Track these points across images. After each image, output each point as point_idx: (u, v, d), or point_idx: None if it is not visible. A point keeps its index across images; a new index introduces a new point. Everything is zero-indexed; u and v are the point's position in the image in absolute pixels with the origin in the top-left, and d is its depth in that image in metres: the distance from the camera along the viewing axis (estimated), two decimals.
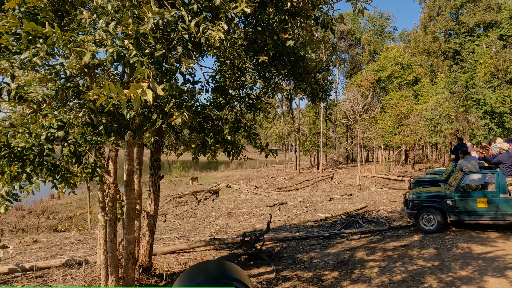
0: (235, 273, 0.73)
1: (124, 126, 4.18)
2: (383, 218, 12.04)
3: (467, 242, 8.40)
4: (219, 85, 5.38)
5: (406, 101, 27.92)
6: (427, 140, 23.81)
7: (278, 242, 10.08)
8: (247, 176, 32.92)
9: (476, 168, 9.62)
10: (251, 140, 5.47)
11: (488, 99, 19.56)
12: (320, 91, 6.33)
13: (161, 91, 2.78)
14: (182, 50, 3.01)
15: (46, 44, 3.67)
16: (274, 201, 18.58)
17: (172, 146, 10.12)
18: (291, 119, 35.87)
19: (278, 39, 5.11)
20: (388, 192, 18.10)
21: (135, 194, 6.59)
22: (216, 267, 0.80)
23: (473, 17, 28.35)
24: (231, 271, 0.73)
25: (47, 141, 3.86)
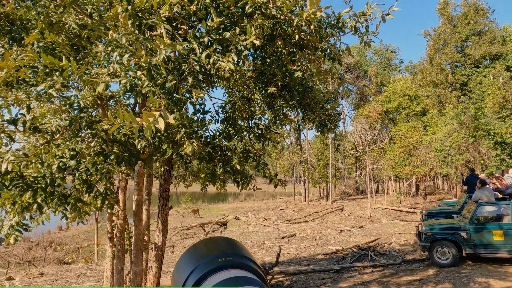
0: (244, 250, 0.67)
1: (135, 156, 4.23)
2: (396, 251, 11.71)
3: (484, 277, 8.08)
4: (229, 116, 5.46)
5: (415, 132, 27.85)
6: (438, 171, 23.52)
7: (288, 276, 9.81)
8: (255, 208, 32.58)
9: (491, 199, 9.40)
10: (260, 170, 5.46)
11: (498, 129, 19.45)
12: (329, 121, 6.37)
13: (172, 119, 2.84)
14: (193, 80, 3.09)
15: (62, 76, 3.80)
16: (283, 233, 18.25)
17: (181, 176, 10.16)
18: (299, 150, 35.88)
19: (286, 70, 5.22)
20: (400, 224, 17.69)
21: (144, 224, 6.56)
22: (226, 243, 0.71)
23: (479, 50, 28.70)
24: (241, 248, 0.68)
25: (59, 170, 3.91)
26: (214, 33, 3.27)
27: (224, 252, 0.54)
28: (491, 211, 9.20)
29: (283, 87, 5.67)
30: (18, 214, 3.89)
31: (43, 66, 3.90)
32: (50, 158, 4.21)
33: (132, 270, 5.94)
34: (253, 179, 6.03)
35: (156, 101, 2.90)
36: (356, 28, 3.75)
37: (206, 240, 0.55)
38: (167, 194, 6.96)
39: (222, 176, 5.39)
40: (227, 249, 0.54)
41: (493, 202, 9.29)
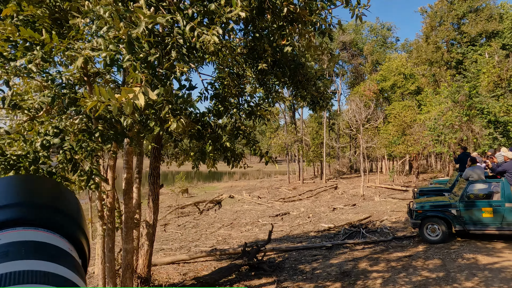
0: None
1: (121, 133, 4.14)
2: (387, 228, 11.86)
3: (472, 253, 8.22)
4: (218, 92, 5.35)
5: (409, 111, 27.83)
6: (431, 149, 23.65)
7: (280, 253, 9.93)
8: (250, 187, 32.77)
9: (482, 177, 9.46)
10: (251, 147, 5.40)
11: (491, 108, 19.45)
12: (321, 99, 6.28)
13: (154, 95, 2.74)
14: (177, 54, 2.98)
15: (43, 51, 3.66)
16: (277, 211, 18.41)
17: (173, 155, 10.09)
18: (294, 130, 35.83)
19: (277, 46, 5.09)
20: (392, 202, 17.88)
21: (134, 203, 6.53)
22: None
23: (475, 27, 28.39)
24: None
25: (42, 148, 3.82)
26: (199, 5, 3.13)
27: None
28: (481, 189, 9.28)
29: (274, 63, 5.55)
30: None
31: (23, 40, 3.75)
32: (34, 135, 4.11)
33: (123, 247, 5.94)
34: (244, 157, 5.98)
35: (137, 76, 2.80)
36: (347, 0, 3.62)
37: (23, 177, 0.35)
38: (157, 172, 6.91)
39: (212, 154, 5.33)
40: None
41: (484, 180, 9.36)
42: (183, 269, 8.84)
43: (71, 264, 0.35)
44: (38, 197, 0.37)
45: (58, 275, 0.32)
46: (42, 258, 0.33)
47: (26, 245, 0.32)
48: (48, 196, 0.38)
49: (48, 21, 4.16)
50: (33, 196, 0.37)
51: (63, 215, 0.37)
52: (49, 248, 0.34)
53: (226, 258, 9.70)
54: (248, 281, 7.79)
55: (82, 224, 0.40)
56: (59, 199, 0.39)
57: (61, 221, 0.37)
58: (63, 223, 0.37)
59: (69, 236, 0.37)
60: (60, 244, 0.36)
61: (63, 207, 0.38)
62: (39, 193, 0.38)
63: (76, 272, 0.35)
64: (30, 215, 0.35)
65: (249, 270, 8.37)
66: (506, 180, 8.98)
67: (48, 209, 0.36)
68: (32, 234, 0.34)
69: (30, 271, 0.31)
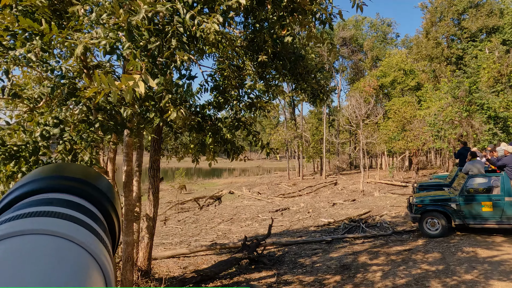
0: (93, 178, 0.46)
1: (121, 124, 4.13)
2: (387, 223, 11.88)
3: (472, 246, 8.24)
4: (218, 84, 5.33)
5: (409, 106, 27.80)
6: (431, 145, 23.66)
7: (280, 247, 9.95)
8: (250, 183, 32.79)
9: (482, 171, 9.47)
10: (252, 139, 5.40)
11: (491, 104, 19.44)
12: (321, 92, 6.27)
13: (154, 83, 2.73)
14: (177, 43, 2.96)
15: (42, 41, 3.64)
16: (277, 207, 18.44)
17: (173, 149, 10.09)
18: (293, 126, 35.81)
19: (277, 38, 5.07)
20: (392, 198, 17.91)
21: (135, 196, 6.53)
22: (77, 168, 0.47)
23: (475, 23, 28.31)
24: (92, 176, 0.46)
25: (42, 138, 3.81)
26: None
27: (61, 174, 0.37)
28: (481, 183, 9.29)
29: (274, 55, 5.53)
30: (3, 183, 3.81)
31: (22, 30, 3.73)
32: (33, 126, 4.11)
33: (123, 240, 5.95)
34: (244, 150, 5.98)
35: (137, 63, 2.79)
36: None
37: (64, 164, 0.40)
38: (157, 166, 6.91)
39: (212, 146, 5.33)
40: (69, 172, 0.37)
41: (483, 174, 9.37)
42: (183, 263, 8.86)
43: (102, 226, 0.39)
44: (72, 172, 0.42)
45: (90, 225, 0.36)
46: (79, 210, 0.37)
47: (66, 201, 0.37)
48: (80, 172, 0.43)
49: (47, 11, 4.14)
50: (67, 171, 0.42)
51: (93, 188, 0.42)
52: (83, 207, 0.38)
53: (226, 252, 9.72)
54: (248, 274, 7.81)
55: (114, 201, 0.44)
56: (91, 175, 0.43)
57: (92, 193, 0.41)
58: (94, 195, 0.41)
59: (100, 207, 0.41)
60: (92, 209, 0.40)
61: (94, 182, 0.42)
62: (72, 169, 0.43)
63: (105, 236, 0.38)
64: (64, 185, 0.40)
65: (249, 263, 8.39)
66: (506, 174, 8.98)
67: (81, 181, 0.41)
68: (68, 196, 0.39)
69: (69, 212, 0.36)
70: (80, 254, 0.31)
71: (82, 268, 0.30)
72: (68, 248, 0.31)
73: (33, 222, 0.32)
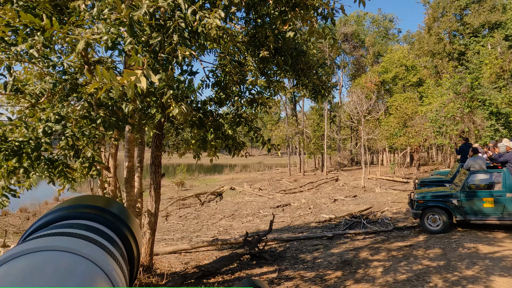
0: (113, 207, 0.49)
1: (123, 120, 4.13)
2: (388, 219, 11.90)
3: (473, 242, 8.25)
4: (219, 80, 5.32)
5: (410, 102, 27.73)
6: (432, 141, 23.61)
7: (281, 243, 9.97)
8: (251, 179, 32.82)
9: (483, 167, 9.46)
10: (253, 135, 5.39)
11: (493, 99, 19.37)
12: (322, 88, 6.25)
13: (155, 79, 2.73)
14: (178, 38, 2.96)
15: (43, 36, 3.64)
16: (278, 202, 18.46)
17: (175, 145, 10.09)
18: (295, 122, 35.78)
19: (279, 33, 5.06)
20: (393, 194, 17.92)
21: (136, 192, 6.54)
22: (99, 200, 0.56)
23: (478, 18, 28.15)
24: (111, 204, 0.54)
25: (44, 134, 3.81)
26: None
27: (84, 204, 0.46)
28: (482, 179, 9.28)
29: (276, 51, 5.52)
30: (4, 178, 3.82)
31: (23, 25, 3.72)
32: (35, 122, 4.11)
33: None
34: (245, 146, 5.98)
35: (139, 59, 2.78)
36: None
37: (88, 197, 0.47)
38: (159, 162, 6.92)
39: (213, 142, 5.33)
40: (92, 202, 0.45)
41: (485, 170, 9.36)
42: (185, 258, 8.90)
43: (117, 246, 0.44)
44: (90, 201, 0.49)
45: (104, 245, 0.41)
46: (94, 232, 0.42)
47: (84, 225, 0.43)
48: (98, 201, 0.49)
49: (48, 6, 4.13)
50: (88, 201, 0.48)
51: (108, 213, 0.47)
52: (99, 230, 0.43)
53: (228, 247, 9.75)
54: (250, 270, 7.84)
55: (129, 222, 0.48)
56: (105, 202, 0.49)
57: (107, 217, 0.46)
58: (108, 219, 0.46)
59: (115, 230, 0.46)
60: (107, 231, 0.45)
61: (108, 208, 0.48)
62: (91, 200, 0.49)
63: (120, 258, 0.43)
64: (83, 212, 0.46)
65: (250, 259, 8.42)
66: (507, 170, 8.97)
67: (96, 208, 0.47)
68: (87, 222, 0.44)
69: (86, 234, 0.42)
70: (91, 268, 0.36)
71: (91, 280, 0.34)
72: (80, 262, 0.36)
73: (52, 240, 0.38)
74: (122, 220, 0.47)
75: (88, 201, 0.49)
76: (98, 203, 0.49)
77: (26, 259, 0.34)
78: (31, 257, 0.34)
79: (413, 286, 6.07)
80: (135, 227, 0.50)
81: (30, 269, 0.32)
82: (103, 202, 0.50)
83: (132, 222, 0.50)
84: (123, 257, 0.44)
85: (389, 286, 6.18)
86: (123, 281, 0.39)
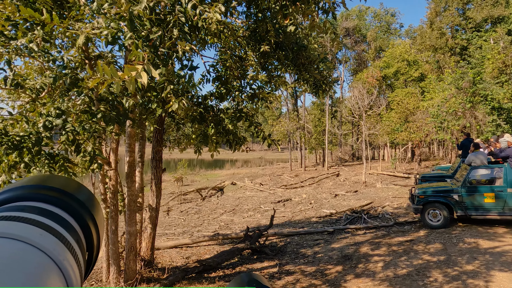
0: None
1: (123, 114, 4.13)
2: (389, 214, 11.91)
3: (474, 237, 8.26)
4: (220, 75, 5.31)
5: (412, 97, 27.66)
6: (434, 136, 23.58)
7: (282, 237, 10.01)
8: (252, 174, 32.87)
9: (485, 162, 9.44)
10: (254, 130, 5.39)
11: (495, 95, 19.29)
12: (324, 82, 6.24)
13: (156, 74, 2.72)
14: (178, 33, 2.95)
15: (43, 31, 3.63)
16: (279, 197, 18.50)
17: (176, 140, 10.10)
18: (296, 117, 35.74)
19: (280, 27, 5.03)
20: (394, 189, 17.93)
21: (137, 187, 6.56)
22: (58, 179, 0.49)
23: (481, 12, 27.98)
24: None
25: (45, 129, 3.82)
26: None
27: (40, 183, 0.39)
28: (483, 174, 9.27)
29: (276, 46, 5.49)
30: (5, 172, 3.83)
31: (23, 19, 3.71)
32: (36, 116, 4.11)
33: (126, 230, 6.00)
34: (246, 141, 5.98)
35: (139, 54, 2.77)
36: None
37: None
38: (160, 156, 6.93)
39: (214, 136, 5.33)
40: (48, 182, 0.39)
41: (486, 165, 9.35)
42: (186, 253, 8.93)
43: (75, 234, 0.40)
44: (53, 182, 0.44)
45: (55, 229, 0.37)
46: (50, 218, 0.38)
47: (38, 208, 0.39)
48: (61, 183, 0.44)
49: (49, 0, 4.12)
50: (49, 182, 0.44)
51: (71, 198, 0.42)
52: (56, 215, 0.39)
53: (229, 242, 9.78)
54: (251, 264, 7.87)
55: (93, 211, 0.44)
56: (70, 186, 0.44)
57: (68, 202, 0.42)
58: (70, 204, 0.42)
59: (76, 217, 0.42)
60: (67, 217, 0.40)
61: (73, 192, 0.43)
62: (54, 180, 0.44)
63: (77, 244, 0.39)
64: (41, 194, 0.41)
65: (251, 254, 8.45)
66: (508, 166, 8.96)
67: (59, 191, 0.42)
68: (43, 204, 0.40)
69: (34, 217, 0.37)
70: (39, 258, 0.32)
71: (39, 271, 0.31)
72: (26, 250, 0.32)
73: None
74: (84, 205, 0.44)
75: (53, 182, 0.44)
76: (63, 186, 0.44)
77: None
78: None
79: (413, 280, 6.09)
80: (99, 216, 0.46)
81: None
82: (66, 185, 0.45)
83: (97, 210, 0.46)
84: (80, 245, 0.40)
85: (389, 280, 6.20)
86: (76, 272, 0.36)
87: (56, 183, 0.44)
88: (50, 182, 0.44)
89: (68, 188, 0.44)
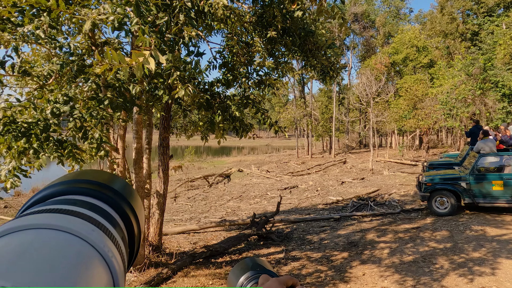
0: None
1: (130, 101, 4.13)
2: (395, 201, 11.90)
3: (481, 225, 8.23)
4: (227, 61, 5.28)
5: (421, 84, 27.30)
6: (442, 124, 23.35)
7: (288, 224, 10.07)
8: (259, 161, 32.94)
9: (493, 150, 9.34)
10: (260, 117, 5.37)
11: (507, 81, 18.96)
12: (331, 69, 6.17)
13: (163, 59, 2.71)
14: (185, 18, 2.92)
15: (50, 17, 3.62)
16: (286, 184, 18.55)
17: (182, 127, 10.12)
18: (303, 104, 35.55)
19: (287, 12, 4.96)
20: (401, 176, 17.86)
21: (145, 173, 6.61)
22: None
23: None
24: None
25: (52, 115, 3.84)
26: None
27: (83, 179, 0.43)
28: (492, 162, 9.19)
29: (284, 31, 5.43)
30: (15, 158, 3.88)
31: (29, 6, 3.70)
32: (44, 103, 4.14)
33: None
34: (253, 128, 5.97)
35: (146, 39, 2.76)
36: None
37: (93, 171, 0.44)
38: (167, 143, 6.95)
39: (221, 124, 5.32)
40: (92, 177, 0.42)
41: (495, 153, 9.25)
42: (193, 239, 9.04)
43: (116, 224, 0.41)
44: (90, 176, 0.46)
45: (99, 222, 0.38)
46: (91, 209, 0.40)
47: (80, 201, 0.40)
48: (97, 175, 0.46)
49: None
50: (86, 176, 0.46)
51: (108, 188, 0.44)
52: (96, 207, 0.41)
53: (235, 228, 9.87)
54: (257, 250, 7.95)
55: (131, 200, 0.46)
56: (105, 178, 0.46)
57: (106, 193, 0.43)
58: (108, 195, 0.43)
59: (115, 207, 0.43)
60: (106, 208, 0.42)
61: (109, 184, 0.45)
62: (90, 174, 0.46)
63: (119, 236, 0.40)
64: (81, 187, 0.43)
65: (258, 240, 8.53)
66: None
67: (95, 184, 0.44)
68: (84, 197, 0.42)
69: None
70: (85, 249, 0.33)
71: (84, 261, 0.32)
72: (73, 242, 0.33)
73: (44, 218, 0.35)
74: (123, 197, 0.45)
75: (89, 176, 0.46)
76: (99, 179, 0.46)
77: (15, 237, 0.32)
78: (20, 236, 0.32)
79: (419, 267, 6.11)
80: (138, 205, 0.48)
81: (18, 248, 0.30)
82: (105, 178, 0.47)
83: (135, 200, 0.48)
84: (122, 237, 0.41)
85: (395, 267, 6.23)
86: (120, 263, 0.37)
87: (96, 177, 0.46)
88: (91, 177, 0.46)
89: (106, 181, 0.46)
